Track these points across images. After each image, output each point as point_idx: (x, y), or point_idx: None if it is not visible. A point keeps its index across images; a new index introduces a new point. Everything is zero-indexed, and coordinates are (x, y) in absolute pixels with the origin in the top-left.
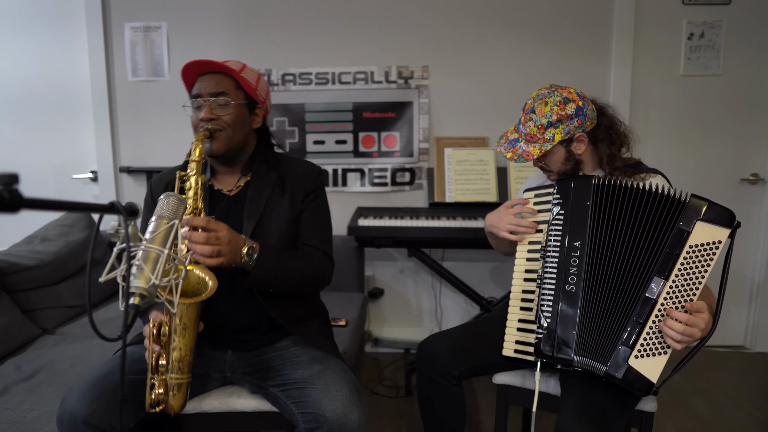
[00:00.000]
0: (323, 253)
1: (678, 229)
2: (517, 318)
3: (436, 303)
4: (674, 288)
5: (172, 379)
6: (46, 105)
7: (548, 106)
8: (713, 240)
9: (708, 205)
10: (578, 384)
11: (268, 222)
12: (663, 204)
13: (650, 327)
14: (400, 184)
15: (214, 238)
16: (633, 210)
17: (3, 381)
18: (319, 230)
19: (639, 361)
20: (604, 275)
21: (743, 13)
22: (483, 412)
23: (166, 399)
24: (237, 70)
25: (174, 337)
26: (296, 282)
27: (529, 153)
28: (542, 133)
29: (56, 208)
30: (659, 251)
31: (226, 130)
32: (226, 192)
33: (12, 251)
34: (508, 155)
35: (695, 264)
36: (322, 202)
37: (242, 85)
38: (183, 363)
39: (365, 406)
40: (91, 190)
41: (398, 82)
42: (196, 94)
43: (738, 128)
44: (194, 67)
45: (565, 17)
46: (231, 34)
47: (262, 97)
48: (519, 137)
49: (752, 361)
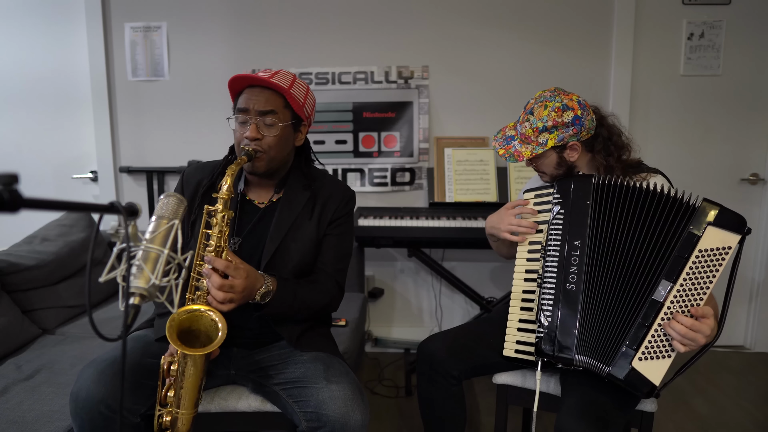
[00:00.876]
0: (336, 283)
1: (688, 232)
2: (517, 318)
3: (436, 303)
4: (682, 292)
5: (178, 413)
6: (46, 105)
7: (546, 110)
8: (723, 245)
9: (720, 210)
10: (578, 383)
11: (291, 243)
12: (672, 206)
13: (655, 330)
14: (400, 184)
15: (228, 287)
16: (637, 210)
17: (3, 381)
18: (337, 259)
19: (642, 364)
20: (605, 274)
21: (743, 13)
22: (483, 412)
23: (174, 427)
24: (287, 87)
25: (182, 377)
26: (308, 313)
27: (520, 153)
28: (536, 136)
29: (56, 208)
30: (667, 254)
31: (267, 153)
32: (258, 204)
33: (12, 251)
34: (500, 152)
35: (704, 269)
36: (347, 228)
37: (290, 103)
38: (189, 401)
39: (368, 406)
40: (91, 190)
41: (398, 82)
42: (243, 108)
43: (738, 128)
44: (242, 81)
45: (565, 17)
46: (231, 34)
47: (308, 113)
48: (515, 135)
49: (752, 361)
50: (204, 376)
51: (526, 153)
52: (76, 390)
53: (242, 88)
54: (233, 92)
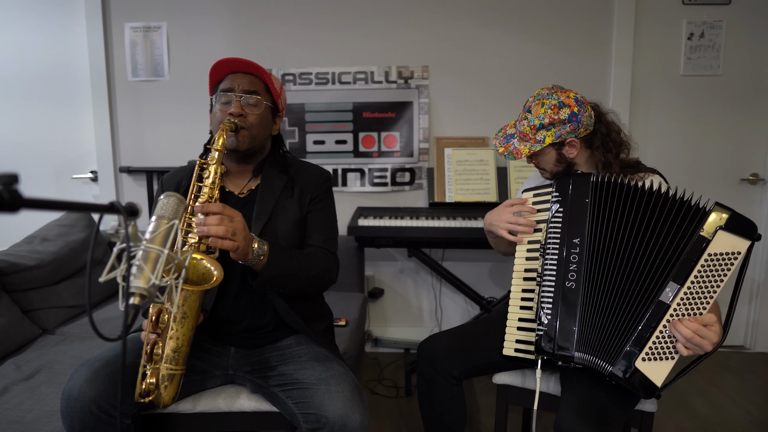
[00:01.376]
0: (329, 252)
1: (698, 236)
2: (517, 317)
3: (436, 303)
4: (689, 294)
5: (164, 369)
6: (46, 105)
7: (543, 108)
8: (733, 250)
9: (731, 215)
10: (578, 382)
11: (276, 223)
12: (680, 208)
13: (660, 331)
14: (400, 184)
15: (228, 220)
16: (641, 210)
17: (3, 381)
18: (324, 230)
19: (646, 364)
20: (607, 273)
21: (743, 13)
22: (483, 412)
23: (157, 390)
24: (267, 74)
25: (173, 325)
26: (305, 281)
27: (519, 151)
28: (534, 134)
29: (56, 208)
30: (675, 256)
31: (251, 130)
32: (236, 194)
33: (12, 251)
34: (500, 150)
35: (712, 273)
36: (329, 203)
37: (270, 89)
38: (179, 354)
39: (367, 408)
40: (91, 190)
41: (398, 82)
42: (227, 88)
43: (738, 128)
44: (226, 65)
45: (565, 17)
46: (231, 34)
47: (282, 105)
48: (515, 133)
49: (752, 361)
50: (195, 326)
51: (524, 150)
52: (68, 389)
53: (224, 76)
54: (214, 80)
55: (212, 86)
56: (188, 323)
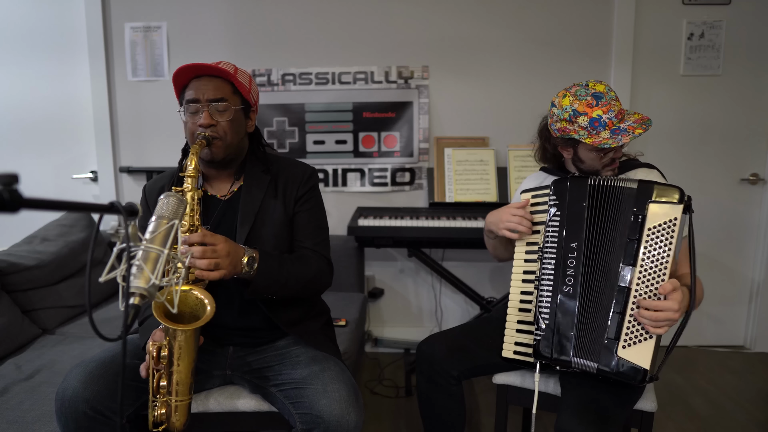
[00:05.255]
0: (321, 256)
1: (634, 215)
2: (515, 319)
3: (436, 303)
4: (643, 272)
5: (172, 402)
6: (46, 104)
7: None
8: (668, 219)
9: (656, 186)
10: (578, 383)
11: (261, 226)
12: (618, 195)
13: (630, 315)
14: (400, 184)
15: (211, 251)
16: (610, 207)
17: (3, 381)
18: (314, 232)
19: (627, 351)
20: (595, 275)
21: (743, 13)
22: (483, 412)
23: (169, 419)
24: (232, 72)
25: (174, 361)
26: (298, 287)
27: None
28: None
29: (56, 208)
30: (624, 241)
31: (224, 139)
32: (220, 197)
33: (12, 251)
34: (638, 131)
35: (657, 245)
36: (316, 202)
37: (238, 88)
38: (183, 386)
39: (363, 408)
40: (91, 190)
41: (398, 82)
42: (193, 98)
43: (738, 128)
44: (188, 71)
45: (565, 17)
46: (231, 34)
47: (255, 99)
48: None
49: (752, 361)
50: (196, 357)
51: (638, 131)
52: (62, 389)
53: (187, 81)
54: (178, 86)
55: (178, 93)
56: (187, 357)
